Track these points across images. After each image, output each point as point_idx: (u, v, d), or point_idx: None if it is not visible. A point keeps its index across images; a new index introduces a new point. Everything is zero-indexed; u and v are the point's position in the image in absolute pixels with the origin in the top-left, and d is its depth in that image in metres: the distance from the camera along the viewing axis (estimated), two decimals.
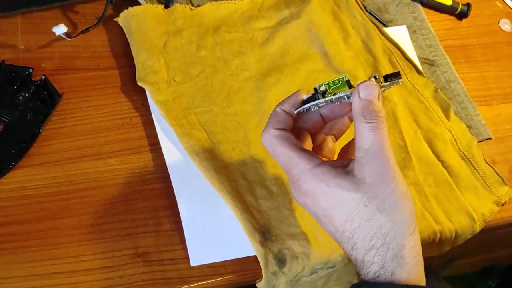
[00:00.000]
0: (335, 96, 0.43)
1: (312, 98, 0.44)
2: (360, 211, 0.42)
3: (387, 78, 0.44)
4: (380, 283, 0.42)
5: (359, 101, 0.41)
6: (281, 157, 0.44)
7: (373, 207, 0.42)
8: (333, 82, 0.44)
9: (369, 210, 0.42)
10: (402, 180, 0.42)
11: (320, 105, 0.44)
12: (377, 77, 0.43)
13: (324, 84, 0.44)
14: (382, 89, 0.44)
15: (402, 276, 0.41)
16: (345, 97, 0.43)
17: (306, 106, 0.44)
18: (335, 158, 0.49)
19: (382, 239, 0.42)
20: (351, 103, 0.42)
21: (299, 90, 0.45)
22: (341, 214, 0.43)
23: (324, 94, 0.44)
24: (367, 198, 0.41)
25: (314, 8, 0.64)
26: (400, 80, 0.43)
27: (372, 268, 0.42)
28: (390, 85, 0.44)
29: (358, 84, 0.42)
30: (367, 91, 0.42)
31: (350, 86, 0.44)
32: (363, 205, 0.42)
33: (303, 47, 0.63)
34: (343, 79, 0.44)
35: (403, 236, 0.42)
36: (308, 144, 0.47)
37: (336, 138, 0.48)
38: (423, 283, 0.42)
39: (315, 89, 0.44)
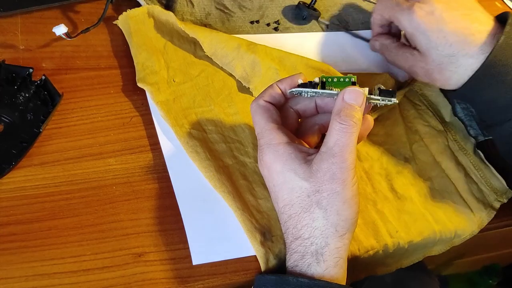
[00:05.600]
0: (323, 91, 0.46)
1: (305, 85, 0.47)
2: (302, 200, 0.44)
3: (380, 92, 0.46)
4: (276, 274, 0.45)
5: (341, 102, 0.44)
6: (256, 125, 0.47)
7: (314, 199, 0.43)
8: (338, 79, 0.46)
9: (309, 201, 0.44)
10: (352, 186, 0.43)
11: (308, 94, 0.47)
12: (381, 88, 0.46)
13: (323, 77, 0.47)
14: (374, 101, 0.46)
15: (317, 271, 0.43)
16: (335, 96, 0.46)
17: (297, 89, 0.47)
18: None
19: (311, 232, 0.43)
20: None
21: (300, 73, 0.48)
22: (285, 196, 0.45)
23: (316, 85, 0.47)
24: (312, 190, 0.43)
25: None
26: (393, 100, 0.46)
27: (294, 256, 0.44)
28: (382, 101, 0.46)
29: (348, 88, 0.45)
30: (352, 96, 0.44)
31: None
32: (306, 195, 0.44)
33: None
34: (350, 79, 0.46)
35: (331, 235, 0.43)
36: (292, 124, 0.50)
37: (325, 129, 0.50)
38: (339, 282, 0.43)
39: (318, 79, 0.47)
